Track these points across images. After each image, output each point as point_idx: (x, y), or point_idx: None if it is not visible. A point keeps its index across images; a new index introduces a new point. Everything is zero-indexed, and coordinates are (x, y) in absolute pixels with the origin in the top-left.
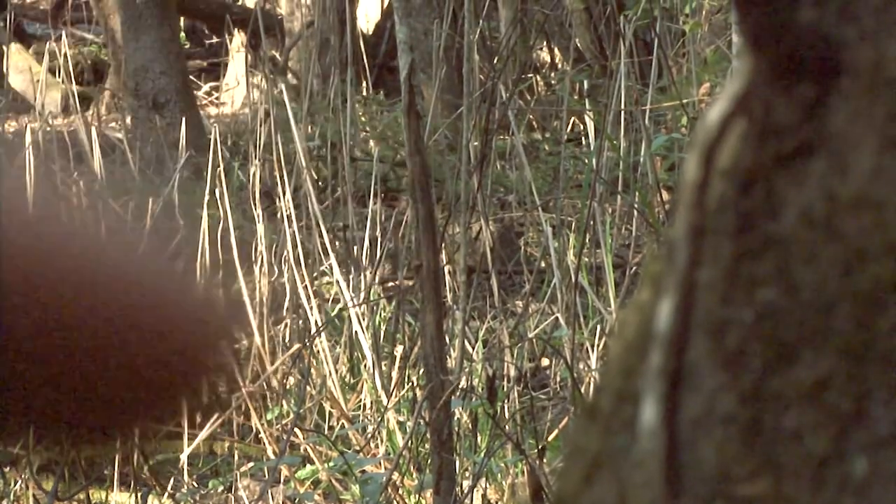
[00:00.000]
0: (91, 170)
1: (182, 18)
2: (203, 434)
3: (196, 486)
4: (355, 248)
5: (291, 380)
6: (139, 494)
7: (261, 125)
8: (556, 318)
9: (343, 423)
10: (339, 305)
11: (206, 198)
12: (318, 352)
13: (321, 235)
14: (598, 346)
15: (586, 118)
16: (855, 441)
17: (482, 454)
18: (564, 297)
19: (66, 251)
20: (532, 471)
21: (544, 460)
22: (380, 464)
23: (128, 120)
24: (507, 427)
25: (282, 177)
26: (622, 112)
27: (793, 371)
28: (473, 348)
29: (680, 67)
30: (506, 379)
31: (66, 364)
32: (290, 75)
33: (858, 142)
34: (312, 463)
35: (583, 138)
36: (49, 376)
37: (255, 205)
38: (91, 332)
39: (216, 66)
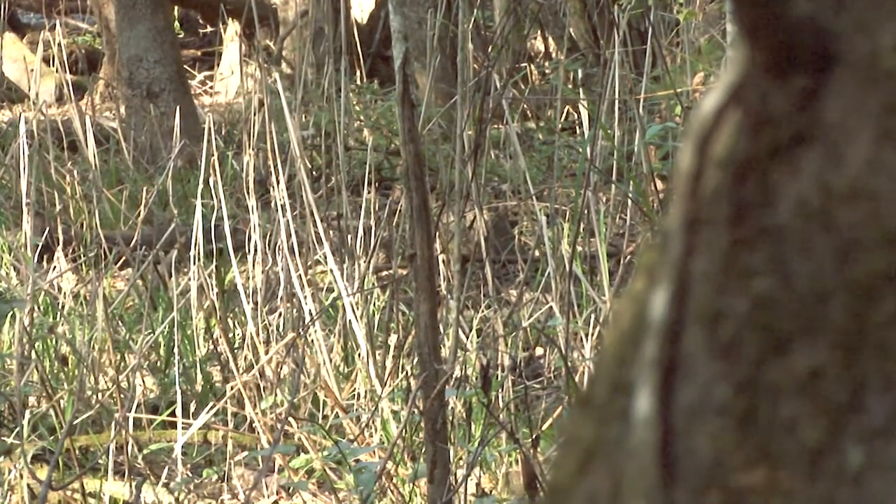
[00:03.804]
0: (85, 159)
1: (176, 7)
2: (197, 423)
3: (190, 475)
4: (349, 237)
5: (285, 369)
6: (133, 484)
7: (255, 114)
8: (551, 308)
9: (337, 413)
10: (334, 295)
11: (201, 187)
12: (313, 341)
13: (315, 225)
14: (593, 335)
15: (580, 107)
16: (850, 431)
17: (476, 443)
18: (558, 286)
19: None
20: (526, 460)
21: (538, 449)
22: (374, 453)
23: (122, 109)
24: (501, 416)
25: (276, 166)
26: (616, 101)
27: (787, 361)
28: (467, 338)
29: (674, 57)
30: (500, 368)
31: None
32: (284, 64)
33: (853, 132)
34: (307, 452)
35: (577, 127)
36: None
37: (249, 194)
38: None
39: (210, 55)
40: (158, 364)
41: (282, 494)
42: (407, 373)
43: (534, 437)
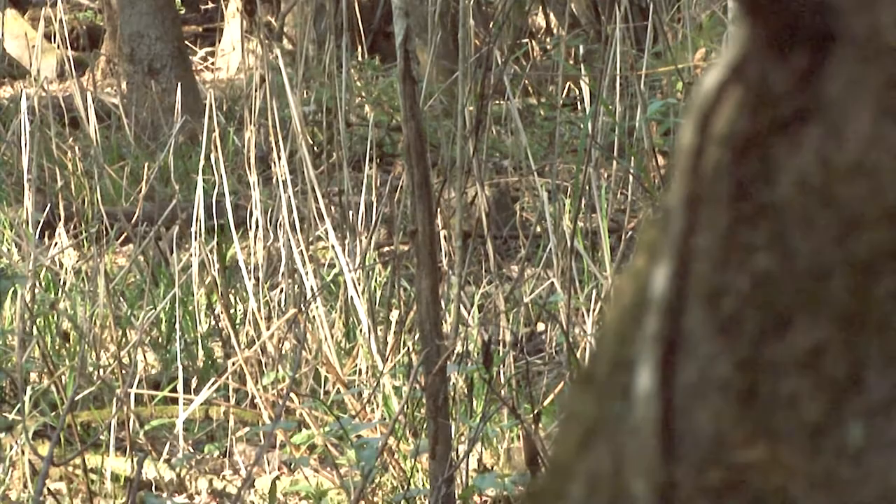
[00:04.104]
0: (86, 135)
1: None
2: (199, 399)
3: (192, 451)
4: (351, 213)
5: (287, 345)
6: (135, 459)
7: (256, 90)
8: (552, 283)
9: (339, 388)
10: (335, 270)
11: (202, 163)
12: (314, 317)
13: (317, 200)
14: (594, 310)
15: (582, 83)
16: (851, 408)
17: (478, 419)
18: (560, 261)
19: None
20: (528, 436)
21: (540, 425)
22: (375, 429)
23: (123, 85)
24: (502, 392)
25: (277, 142)
26: (618, 77)
27: (788, 338)
28: (469, 313)
29: (675, 32)
30: (501, 344)
31: None
32: (285, 40)
33: (854, 109)
34: (308, 428)
35: (578, 103)
36: None
37: (250, 170)
38: None
39: (212, 31)
40: (160, 340)
41: (283, 470)
42: (408, 348)
43: (535, 413)
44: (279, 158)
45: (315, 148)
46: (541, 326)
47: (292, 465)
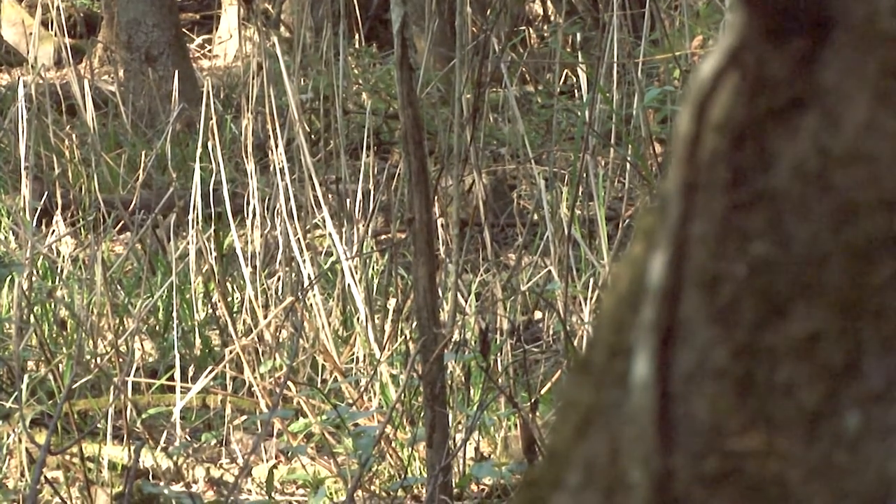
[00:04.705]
0: (84, 122)
1: None
2: (196, 388)
3: (189, 439)
4: (348, 201)
5: (284, 333)
6: (132, 448)
7: (253, 78)
8: (549, 271)
9: (336, 377)
10: (332, 258)
11: (199, 151)
12: (311, 305)
13: (314, 188)
14: (591, 299)
15: (579, 71)
16: (848, 395)
17: (475, 407)
18: (557, 249)
19: None
20: (525, 424)
21: (537, 413)
22: (373, 417)
23: (120, 73)
24: (499, 380)
25: (274, 130)
26: (615, 65)
27: (785, 325)
28: (466, 301)
29: (673, 20)
30: (499, 332)
31: None
32: (282, 28)
33: (851, 96)
34: (305, 416)
35: (575, 91)
36: None
37: (247, 158)
38: None
39: (209, 18)
40: (157, 328)
41: (280, 458)
42: (406, 337)
43: (532, 401)
44: (276, 146)
45: (312, 136)
46: (538, 315)
47: (289, 453)
